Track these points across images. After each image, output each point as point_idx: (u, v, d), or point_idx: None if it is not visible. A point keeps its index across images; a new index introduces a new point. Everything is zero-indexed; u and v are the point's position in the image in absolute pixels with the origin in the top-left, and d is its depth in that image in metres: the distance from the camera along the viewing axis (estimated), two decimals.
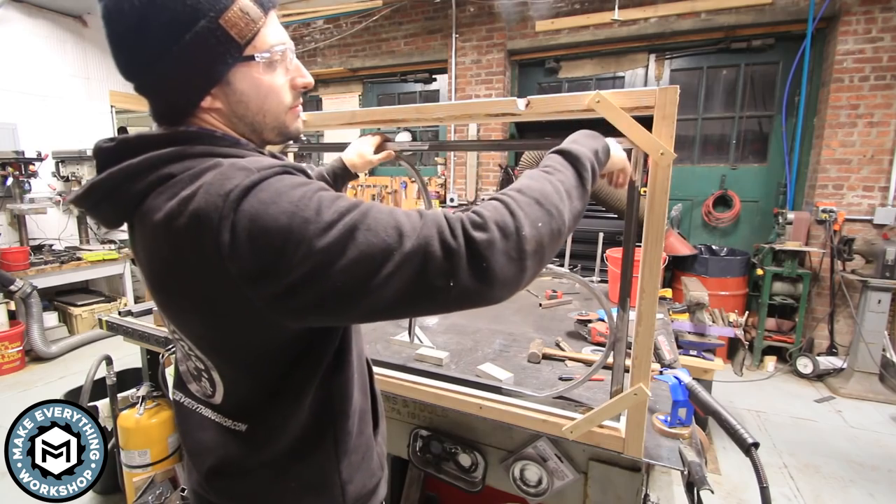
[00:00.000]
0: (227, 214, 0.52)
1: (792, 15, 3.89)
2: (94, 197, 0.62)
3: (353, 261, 0.52)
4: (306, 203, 0.53)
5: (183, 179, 0.57)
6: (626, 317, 1.06)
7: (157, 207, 0.57)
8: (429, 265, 0.53)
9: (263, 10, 0.63)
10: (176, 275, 0.59)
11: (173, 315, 0.67)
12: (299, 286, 0.52)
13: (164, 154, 0.59)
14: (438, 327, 1.85)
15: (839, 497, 2.41)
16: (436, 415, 1.37)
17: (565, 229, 0.63)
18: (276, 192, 0.53)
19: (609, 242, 2.86)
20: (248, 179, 0.53)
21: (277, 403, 0.68)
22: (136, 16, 0.57)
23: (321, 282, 0.52)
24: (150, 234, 0.59)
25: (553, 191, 0.63)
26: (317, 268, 0.51)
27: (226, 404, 0.71)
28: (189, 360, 0.73)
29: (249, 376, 0.67)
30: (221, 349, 0.66)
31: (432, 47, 5.26)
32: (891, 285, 3.40)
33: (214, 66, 0.61)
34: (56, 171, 4.92)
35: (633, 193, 1.00)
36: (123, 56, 0.62)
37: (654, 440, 1.09)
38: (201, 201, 0.53)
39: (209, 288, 0.57)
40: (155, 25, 0.58)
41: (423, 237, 0.54)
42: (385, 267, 0.52)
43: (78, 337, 4.46)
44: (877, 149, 3.73)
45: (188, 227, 0.54)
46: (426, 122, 1.17)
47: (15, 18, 4.59)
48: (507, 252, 0.56)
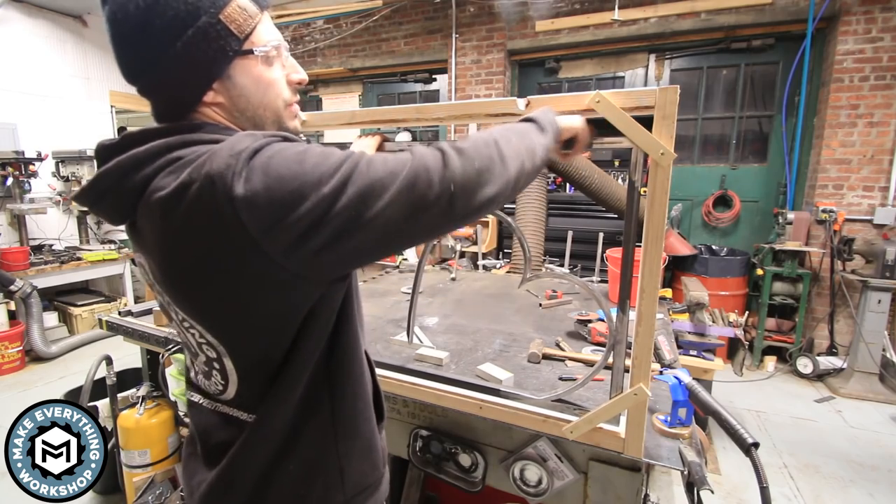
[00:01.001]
0: (240, 170, 0.54)
1: (792, 15, 3.89)
2: (100, 187, 0.62)
3: (358, 192, 0.55)
4: (311, 150, 0.58)
5: (191, 158, 0.59)
6: (625, 317, 1.06)
7: (166, 185, 0.58)
8: (418, 183, 0.58)
9: (259, 7, 0.67)
10: (189, 248, 0.59)
11: (184, 297, 0.65)
12: (315, 225, 0.54)
13: (171, 140, 0.61)
14: (438, 327, 1.85)
15: (839, 497, 2.41)
16: (436, 415, 1.37)
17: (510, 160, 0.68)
18: (283, 148, 0.57)
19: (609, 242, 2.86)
20: (257, 142, 0.57)
21: (282, 383, 0.68)
22: (141, 17, 0.60)
23: (334, 218, 0.55)
24: (158, 212, 0.59)
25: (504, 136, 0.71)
26: (330, 205, 0.54)
27: (239, 396, 0.71)
28: (200, 354, 0.72)
29: (260, 354, 0.67)
30: (234, 323, 0.64)
31: (432, 47, 5.26)
32: (891, 285, 3.40)
33: (216, 59, 0.64)
34: (56, 171, 4.92)
35: (633, 193, 1.00)
36: (128, 57, 0.64)
37: (654, 440, 1.09)
38: (212, 164, 0.55)
39: (224, 250, 0.57)
40: (159, 24, 0.60)
41: (411, 167, 0.59)
42: (386, 192, 0.56)
43: (78, 337, 4.46)
44: (877, 149, 3.73)
45: (201, 190, 0.55)
46: (426, 122, 1.17)
47: (15, 18, 4.60)
48: (471, 162, 0.62)
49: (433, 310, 2.10)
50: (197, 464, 0.78)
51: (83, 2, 4.80)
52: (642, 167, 0.99)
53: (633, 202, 1.00)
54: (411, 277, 2.44)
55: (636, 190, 1.00)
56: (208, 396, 0.76)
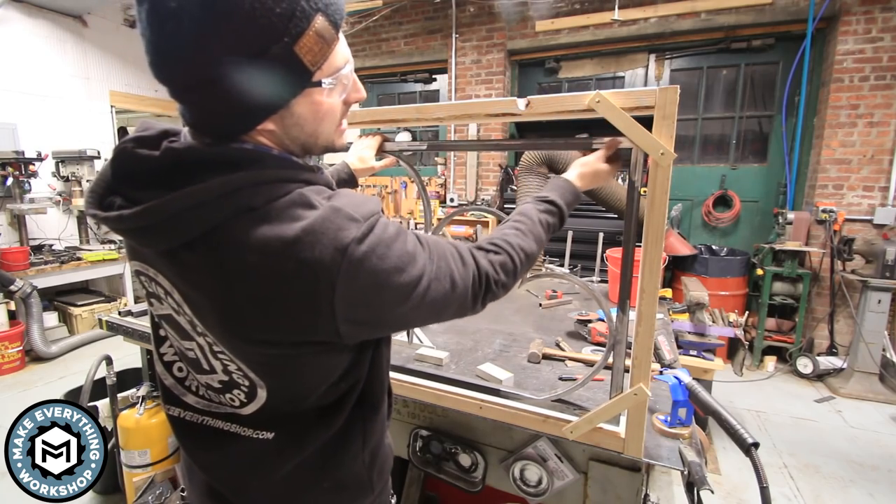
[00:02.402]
0: (346, 269, 0.56)
1: (792, 15, 3.89)
2: (145, 221, 0.55)
3: (427, 309, 0.67)
4: (405, 262, 0.62)
5: (269, 213, 0.57)
6: (625, 317, 1.06)
7: (245, 243, 0.55)
8: (466, 301, 0.73)
9: (336, 28, 0.60)
10: (261, 309, 0.58)
11: (233, 340, 0.63)
12: (387, 327, 0.71)
13: (236, 180, 0.56)
14: (439, 327, 1.85)
15: (839, 497, 2.41)
16: (436, 415, 1.37)
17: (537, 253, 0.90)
18: (385, 247, 0.61)
19: (609, 242, 2.86)
20: (359, 231, 0.58)
21: (317, 406, 0.70)
22: (208, 22, 0.51)
23: (403, 324, 0.75)
24: (232, 267, 0.56)
25: (538, 235, 0.91)
26: (404, 318, 0.67)
27: (258, 415, 0.69)
28: (210, 374, 0.69)
29: (301, 391, 0.68)
30: (284, 373, 0.65)
31: (432, 47, 5.26)
32: (891, 285, 3.40)
33: (282, 93, 0.58)
34: (56, 171, 4.91)
35: (633, 193, 1.00)
36: (181, 64, 0.54)
37: (654, 440, 1.09)
38: (316, 251, 0.55)
39: (300, 323, 0.58)
40: (227, 37, 0.52)
41: (465, 285, 0.72)
42: (446, 310, 0.71)
43: (78, 337, 4.46)
44: (877, 149, 3.73)
45: (298, 272, 0.55)
46: (426, 122, 1.17)
47: (15, 18, 4.59)
48: (506, 287, 0.82)
49: None
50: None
51: (83, 2, 4.80)
52: (642, 167, 0.99)
53: (633, 202, 1.00)
54: None
55: (636, 190, 1.00)
56: (199, 411, 0.74)
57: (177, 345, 0.72)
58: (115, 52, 5.41)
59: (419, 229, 5.13)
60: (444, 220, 1.48)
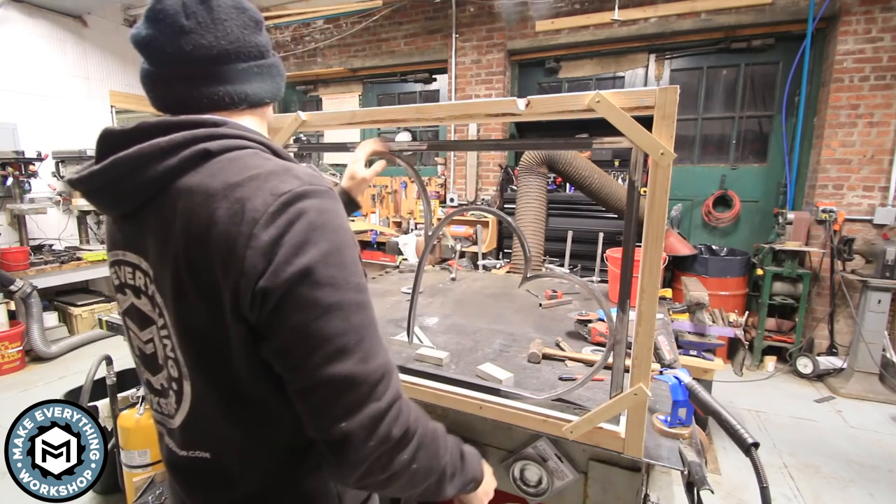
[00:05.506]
0: (273, 212, 0.55)
1: (792, 15, 3.89)
2: (112, 173, 0.60)
3: (336, 342, 0.57)
4: (347, 255, 0.59)
5: (223, 161, 0.59)
6: (625, 317, 1.06)
7: (197, 186, 0.58)
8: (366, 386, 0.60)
9: None
10: (197, 254, 0.57)
11: (175, 298, 0.62)
12: (288, 314, 0.56)
13: (198, 133, 0.60)
14: (439, 327, 1.85)
15: (839, 497, 2.41)
16: (436, 415, 1.37)
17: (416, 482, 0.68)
18: (332, 217, 0.59)
19: (609, 242, 2.86)
20: (302, 187, 0.57)
21: (248, 419, 0.65)
22: (246, 20, 0.67)
23: (304, 326, 0.57)
24: (184, 211, 0.58)
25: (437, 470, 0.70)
26: (313, 311, 0.57)
27: (185, 427, 0.68)
28: (163, 370, 0.69)
29: (221, 384, 0.64)
30: (204, 345, 0.62)
31: (432, 47, 5.26)
32: (891, 285, 3.40)
33: (280, 89, 0.76)
34: (56, 171, 4.92)
35: (633, 193, 1.00)
36: (204, 46, 0.63)
37: (654, 440, 1.09)
38: (249, 192, 0.56)
39: (224, 274, 0.56)
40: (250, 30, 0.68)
41: (374, 370, 0.60)
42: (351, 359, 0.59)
43: (78, 337, 4.46)
44: (877, 149, 3.73)
45: (231, 212, 0.55)
46: (426, 122, 1.17)
47: (15, 18, 4.59)
48: (381, 457, 0.61)
49: (433, 310, 2.10)
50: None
51: (83, 2, 4.80)
52: (642, 167, 0.99)
53: (633, 202, 1.00)
54: (411, 277, 2.44)
55: (636, 190, 1.00)
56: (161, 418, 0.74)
57: (137, 343, 0.72)
58: (115, 52, 5.42)
59: (419, 229, 5.13)
60: (444, 220, 1.48)
